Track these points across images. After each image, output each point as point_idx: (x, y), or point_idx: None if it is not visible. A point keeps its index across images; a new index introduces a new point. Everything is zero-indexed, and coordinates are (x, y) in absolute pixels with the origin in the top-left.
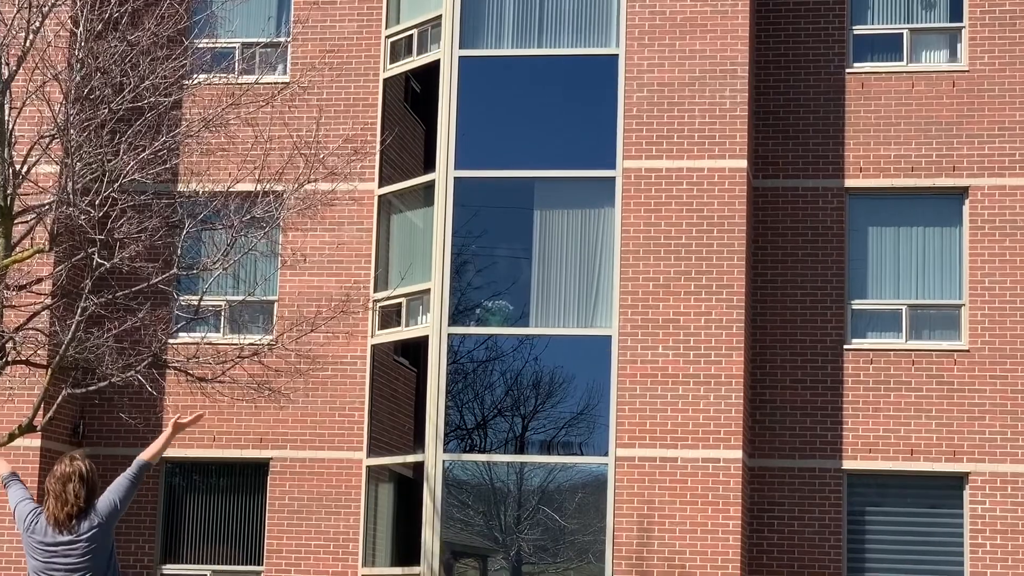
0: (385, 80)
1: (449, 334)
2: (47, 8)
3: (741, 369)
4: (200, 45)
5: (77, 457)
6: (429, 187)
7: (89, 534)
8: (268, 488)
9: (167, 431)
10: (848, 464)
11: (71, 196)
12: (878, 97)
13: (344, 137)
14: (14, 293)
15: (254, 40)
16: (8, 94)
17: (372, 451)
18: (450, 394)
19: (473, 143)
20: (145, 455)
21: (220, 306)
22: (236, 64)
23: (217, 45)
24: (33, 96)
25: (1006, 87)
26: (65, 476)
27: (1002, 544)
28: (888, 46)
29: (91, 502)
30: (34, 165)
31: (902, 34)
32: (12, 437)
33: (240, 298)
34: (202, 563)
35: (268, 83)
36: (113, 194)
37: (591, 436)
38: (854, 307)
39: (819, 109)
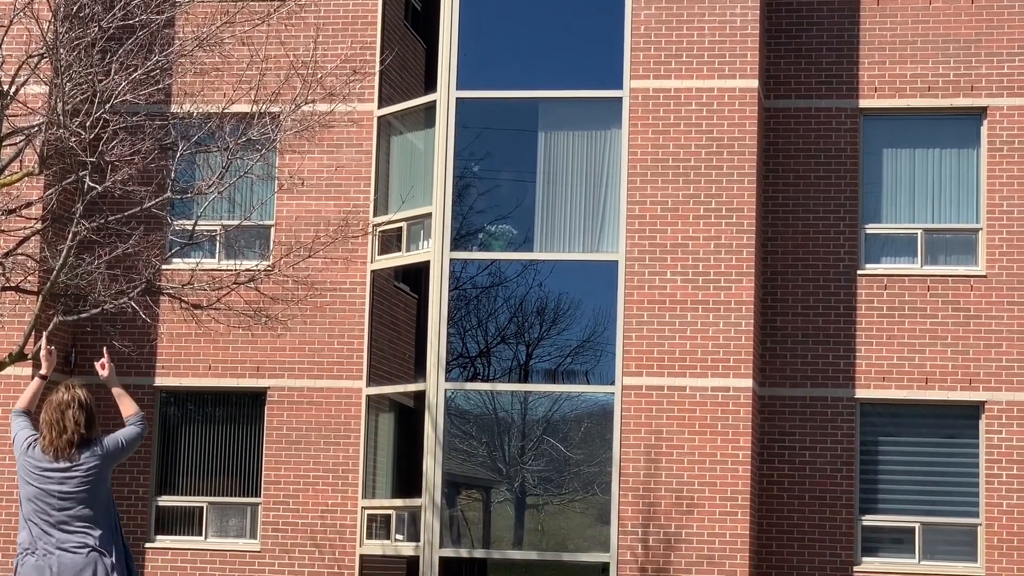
0: None
1: (451, 259)
2: None
3: (751, 295)
4: None
5: (74, 385)
6: (430, 108)
7: (88, 464)
8: (265, 418)
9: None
10: (861, 393)
11: (61, 117)
12: (894, 14)
13: (342, 56)
14: (3, 217)
15: None
16: None
17: (372, 380)
18: (452, 321)
19: (475, 62)
20: (132, 408)
21: (215, 231)
22: None
23: None
24: (21, 14)
25: None
26: (63, 403)
27: (1018, 474)
28: None
29: (91, 431)
30: (22, 85)
31: None
32: (2, 365)
33: (236, 222)
34: (198, 495)
35: (264, 0)
36: (104, 115)
37: (597, 364)
38: (868, 231)
39: (833, 27)
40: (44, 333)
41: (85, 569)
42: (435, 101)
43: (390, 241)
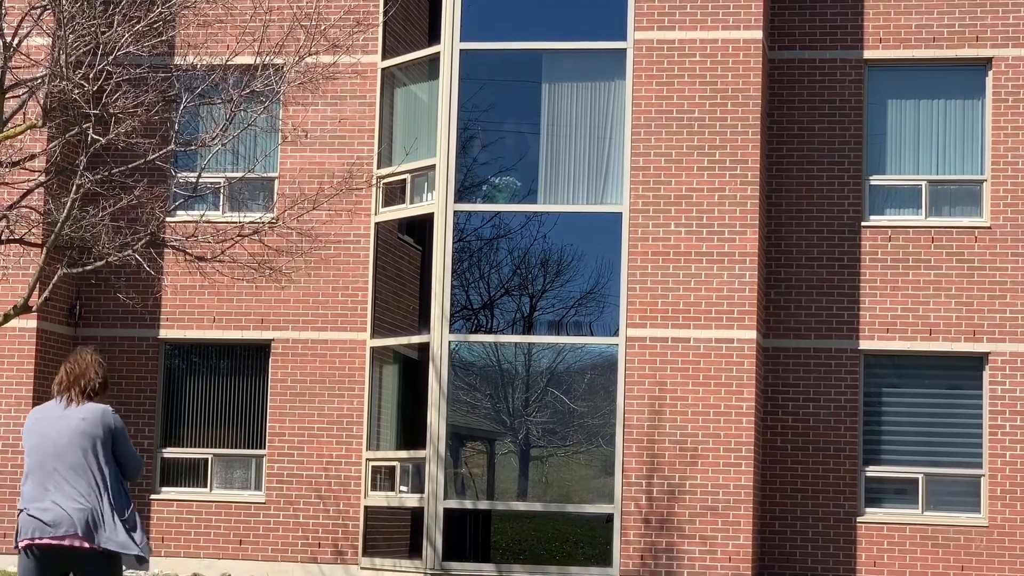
0: None
1: (455, 211)
2: None
3: (755, 247)
4: None
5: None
6: (434, 60)
7: (95, 420)
8: (270, 370)
9: None
10: (865, 344)
11: (64, 69)
12: None
13: (346, 8)
14: (7, 170)
15: None
16: None
17: (376, 332)
18: (456, 273)
19: (479, 14)
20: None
21: (219, 183)
22: None
23: None
24: None
25: None
26: (84, 359)
27: (1022, 425)
28: None
29: (104, 391)
30: (25, 37)
31: None
32: (7, 318)
33: (239, 175)
34: (203, 447)
35: None
36: (108, 67)
37: (601, 316)
38: (872, 183)
39: None
40: None
41: (76, 523)
42: (439, 53)
43: (394, 193)
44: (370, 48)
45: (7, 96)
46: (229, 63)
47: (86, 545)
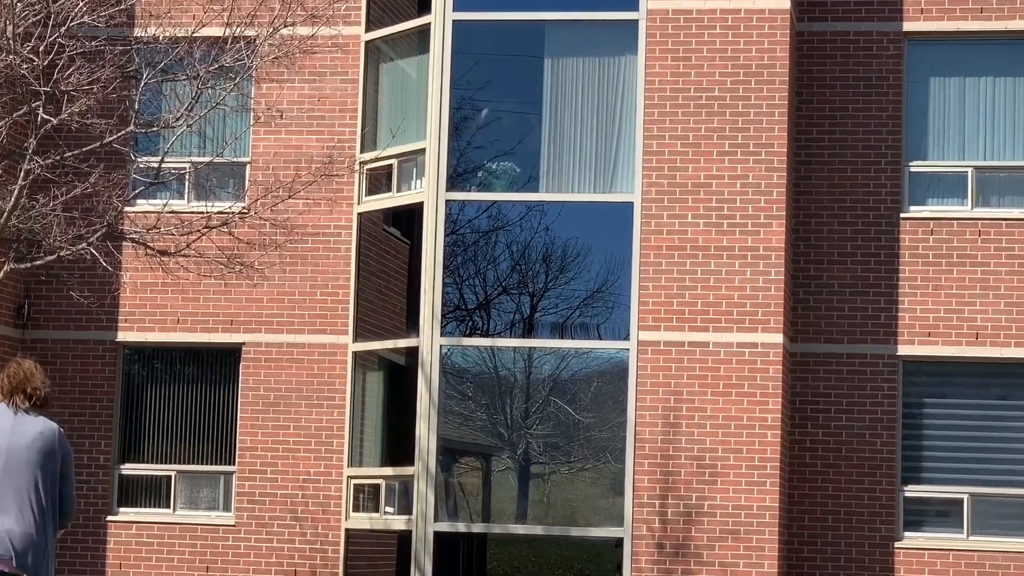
0: None
1: (447, 200)
2: None
3: (782, 241)
4: None
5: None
6: (424, 32)
7: (51, 438)
8: (240, 377)
9: None
10: (904, 349)
11: (11, 42)
12: None
13: None
14: None
15: None
16: None
17: (359, 335)
18: (448, 269)
19: None
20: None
21: (184, 169)
22: None
23: None
24: None
25: None
26: (25, 365)
27: None
28: None
29: (46, 404)
30: None
31: None
32: None
33: (207, 159)
34: (166, 462)
35: None
36: (60, 39)
37: (610, 317)
38: (912, 169)
39: None
40: None
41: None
42: (429, 24)
43: (379, 180)
44: (352, 19)
45: None
46: (195, 35)
47: (17, 572)
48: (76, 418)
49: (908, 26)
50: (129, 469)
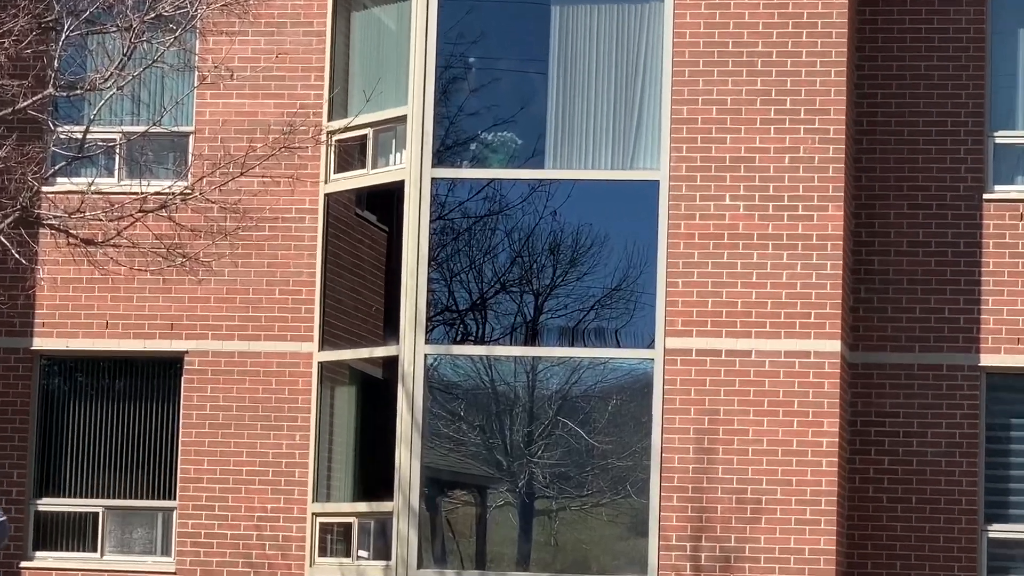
0: None
1: (433, 179)
2: None
3: (839, 228)
4: None
5: None
6: None
7: None
8: (182, 393)
9: None
10: (988, 359)
11: None
12: None
13: None
14: None
15: None
16: None
17: (327, 342)
18: (435, 262)
19: None
20: None
21: (113, 140)
22: None
23: None
24: None
25: None
26: None
27: None
28: None
29: None
30: None
31: None
32: None
33: (141, 129)
34: (91, 497)
35: None
36: None
37: (631, 321)
38: (997, 141)
39: None
40: None
41: None
42: None
43: (351, 154)
44: None
45: None
46: None
47: None
48: None
49: None
50: (47, 505)
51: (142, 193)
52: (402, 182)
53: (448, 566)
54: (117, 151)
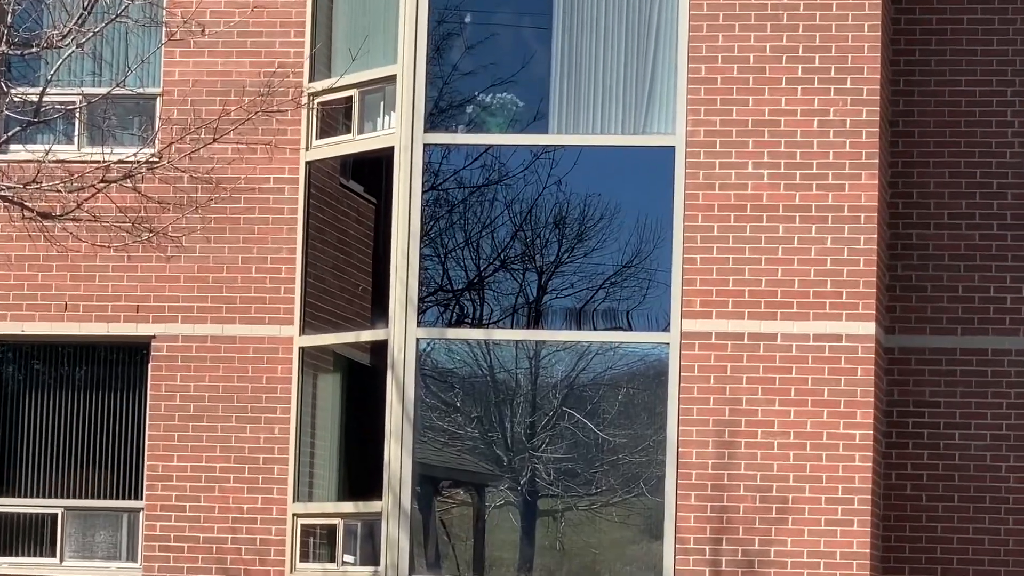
0: None
1: (426, 145)
2: None
3: (874, 198)
4: None
5: None
6: None
7: None
8: (149, 382)
9: None
10: None
11: None
12: None
13: None
14: None
15: None
16: None
17: (309, 325)
18: (427, 237)
19: None
20: None
21: (73, 103)
22: None
23: None
24: None
25: None
26: None
27: None
28: None
29: None
30: None
31: None
32: None
33: (104, 91)
34: (50, 496)
35: None
36: None
37: (644, 301)
38: None
39: None
40: None
41: None
42: None
43: (335, 118)
44: None
45: None
46: None
47: None
48: None
49: None
50: (1, 506)
51: (104, 162)
52: (391, 149)
53: (443, 572)
54: (77, 115)
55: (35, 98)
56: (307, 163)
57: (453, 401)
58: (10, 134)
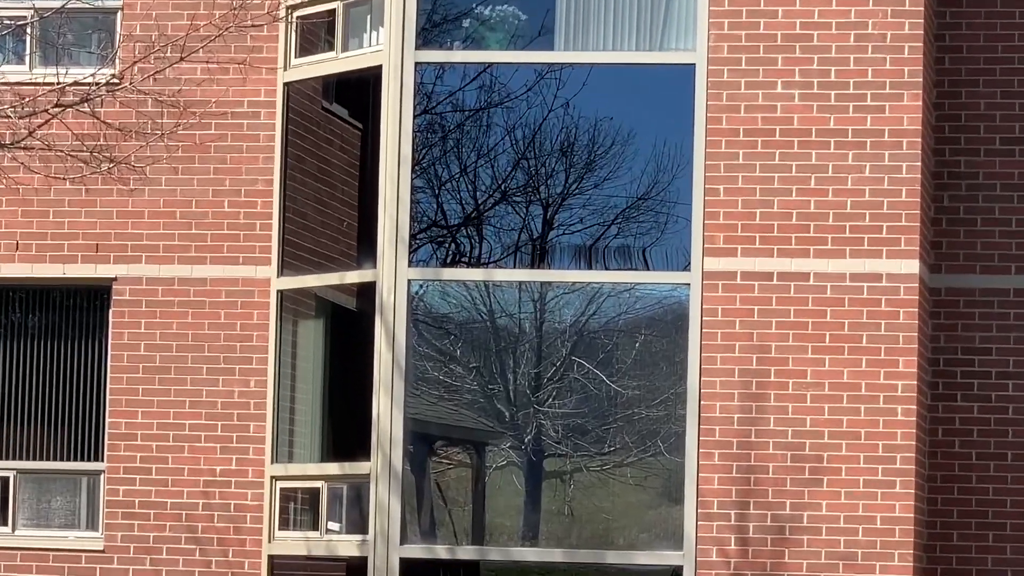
0: None
1: (417, 63)
2: None
3: (918, 121)
4: None
5: None
6: None
7: None
8: (110, 330)
9: None
10: None
11: None
12: None
13: None
14: None
15: None
16: None
17: (287, 266)
18: (419, 166)
19: None
20: None
21: (23, 18)
22: None
23: None
24: None
25: None
26: None
27: None
28: None
29: None
30: None
31: None
32: None
33: (59, 3)
34: (1, 458)
35: None
36: None
37: (661, 238)
38: None
39: None
40: None
41: None
42: None
43: (316, 34)
44: None
45: None
46: None
47: None
48: None
49: None
50: None
51: (59, 84)
52: (379, 68)
53: (438, 541)
54: (28, 32)
55: None
56: (285, 84)
57: (449, 350)
58: None
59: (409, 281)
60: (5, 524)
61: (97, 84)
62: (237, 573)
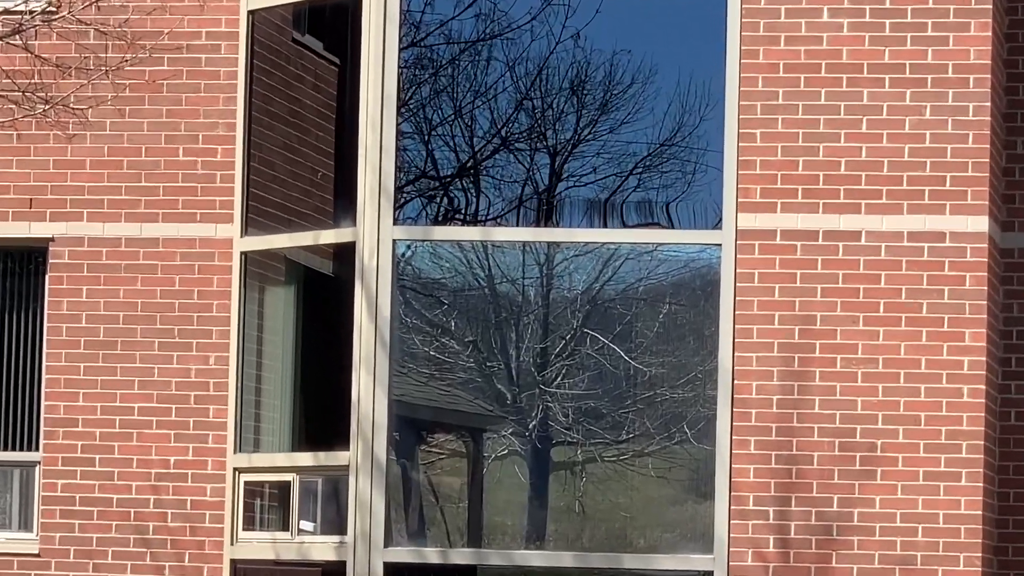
0: None
1: None
2: None
3: (986, 54)
4: None
5: None
6: None
7: None
8: (46, 298)
9: None
10: None
11: None
12: None
13: None
14: None
15: None
16: None
17: (252, 223)
18: (406, 108)
19: None
20: None
21: None
22: None
23: None
24: None
25: None
26: None
27: None
28: None
29: None
30: None
31: None
32: None
33: None
34: None
35: None
36: None
37: (688, 191)
38: None
39: None
40: None
41: None
42: None
43: None
44: None
45: None
46: None
47: None
48: None
49: None
50: None
51: None
52: None
53: (428, 543)
54: None
55: None
56: (249, 12)
57: (441, 321)
58: None
59: (394, 241)
60: None
61: (31, 12)
62: None
